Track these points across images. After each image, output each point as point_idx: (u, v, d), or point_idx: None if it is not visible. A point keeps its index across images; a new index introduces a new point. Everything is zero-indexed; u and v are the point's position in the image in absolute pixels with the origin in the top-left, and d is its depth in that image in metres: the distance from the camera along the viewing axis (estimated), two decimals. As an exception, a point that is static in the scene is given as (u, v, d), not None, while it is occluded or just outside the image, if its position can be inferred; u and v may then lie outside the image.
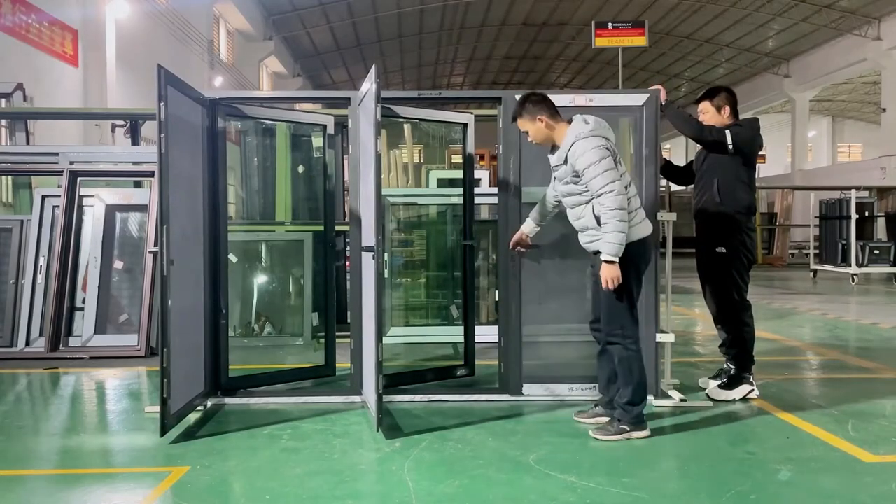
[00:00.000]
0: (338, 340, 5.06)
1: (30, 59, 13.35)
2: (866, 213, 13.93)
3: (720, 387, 4.49)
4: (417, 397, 4.47)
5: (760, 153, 4.69)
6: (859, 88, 35.77)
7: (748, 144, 4.46)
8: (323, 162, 5.01)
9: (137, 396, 4.80)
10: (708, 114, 4.62)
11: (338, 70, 35.00)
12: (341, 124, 6.41)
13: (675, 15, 26.95)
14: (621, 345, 3.73)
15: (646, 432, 3.71)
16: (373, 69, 3.82)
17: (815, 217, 15.19)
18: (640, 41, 21.00)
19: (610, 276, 3.58)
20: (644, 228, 3.78)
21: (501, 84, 39.78)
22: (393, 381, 4.59)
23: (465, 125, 5.02)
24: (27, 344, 6.22)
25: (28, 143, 8.40)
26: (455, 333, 5.89)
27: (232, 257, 4.62)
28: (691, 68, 33.54)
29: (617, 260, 3.57)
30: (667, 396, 4.44)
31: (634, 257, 3.70)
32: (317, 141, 7.17)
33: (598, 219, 3.65)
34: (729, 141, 4.39)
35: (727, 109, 4.58)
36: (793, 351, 6.34)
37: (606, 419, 3.88)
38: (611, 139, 3.73)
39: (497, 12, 28.36)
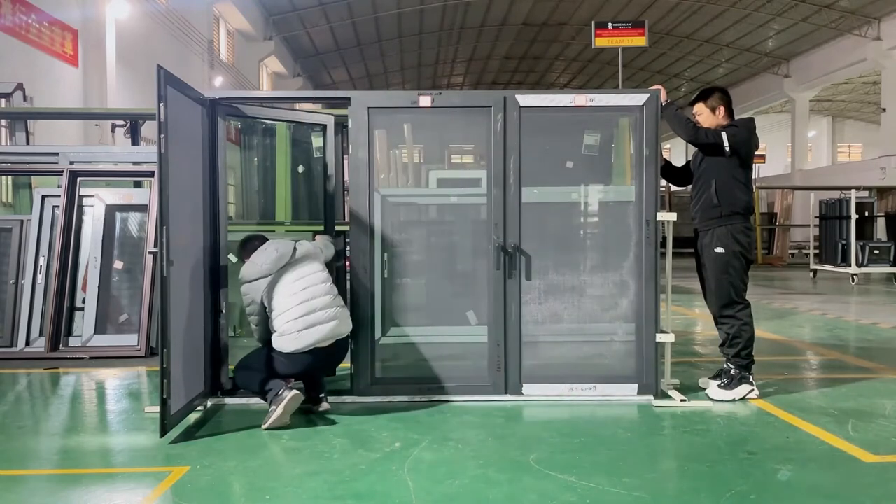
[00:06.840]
0: (338, 340, 5.05)
1: (30, 59, 13.34)
2: (866, 213, 13.94)
3: (720, 387, 4.49)
4: (417, 397, 4.47)
5: (758, 153, 4.69)
6: (859, 88, 35.78)
7: (744, 146, 4.46)
8: (323, 162, 5.00)
9: (137, 396, 4.80)
10: (703, 115, 4.61)
11: (338, 70, 34.97)
12: (341, 124, 6.40)
13: (675, 15, 26.95)
14: None
15: None
16: None
17: (815, 217, 15.20)
18: (640, 41, 20.97)
19: None
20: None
21: (501, 84, 39.76)
22: None
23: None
24: (27, 344, 6.22)
25: (28, 143, 8.40)
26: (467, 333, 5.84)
27: (232, 257, 4.61)
28: (691, 68, 33.55)
29: None
30: (667, 396, 4.45)
31: None
32: (317, 141, 7.15)
33: None
34: (725, 143, 4.39)
35: (722, 109, 4.58)
36: (793, 351, 6.34)
37: None
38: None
39: (497, 12, 28.35)
